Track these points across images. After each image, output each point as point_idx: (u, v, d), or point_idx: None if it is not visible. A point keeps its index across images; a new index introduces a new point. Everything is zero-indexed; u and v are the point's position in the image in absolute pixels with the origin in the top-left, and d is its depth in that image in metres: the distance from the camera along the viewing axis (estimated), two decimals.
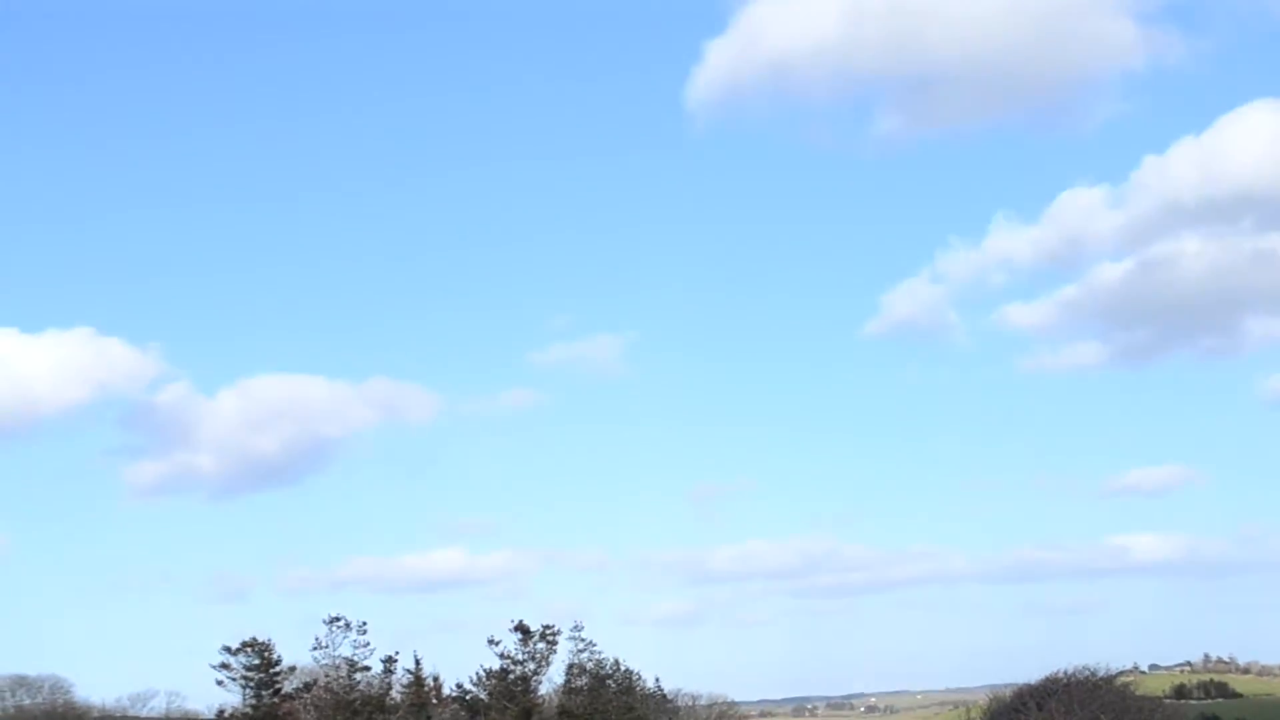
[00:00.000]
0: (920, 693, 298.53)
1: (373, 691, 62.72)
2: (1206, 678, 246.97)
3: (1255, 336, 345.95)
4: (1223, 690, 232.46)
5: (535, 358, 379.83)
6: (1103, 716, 32.73)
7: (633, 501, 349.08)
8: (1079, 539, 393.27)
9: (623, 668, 68.83)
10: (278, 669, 61.91)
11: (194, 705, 64.50)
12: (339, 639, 61.82)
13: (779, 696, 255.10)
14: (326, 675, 62.48)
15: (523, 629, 66.73)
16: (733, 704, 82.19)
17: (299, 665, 63.25)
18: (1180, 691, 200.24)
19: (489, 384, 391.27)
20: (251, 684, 61.08)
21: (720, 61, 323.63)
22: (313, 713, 61.96)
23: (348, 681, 62.04)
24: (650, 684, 72.54)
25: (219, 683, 60.77)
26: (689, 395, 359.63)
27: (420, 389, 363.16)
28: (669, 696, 73.98)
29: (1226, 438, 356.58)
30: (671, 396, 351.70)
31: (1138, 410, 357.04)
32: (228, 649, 60.49)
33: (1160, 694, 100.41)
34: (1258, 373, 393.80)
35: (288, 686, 62.70)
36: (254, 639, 61.35)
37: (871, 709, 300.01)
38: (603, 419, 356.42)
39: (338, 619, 61.71)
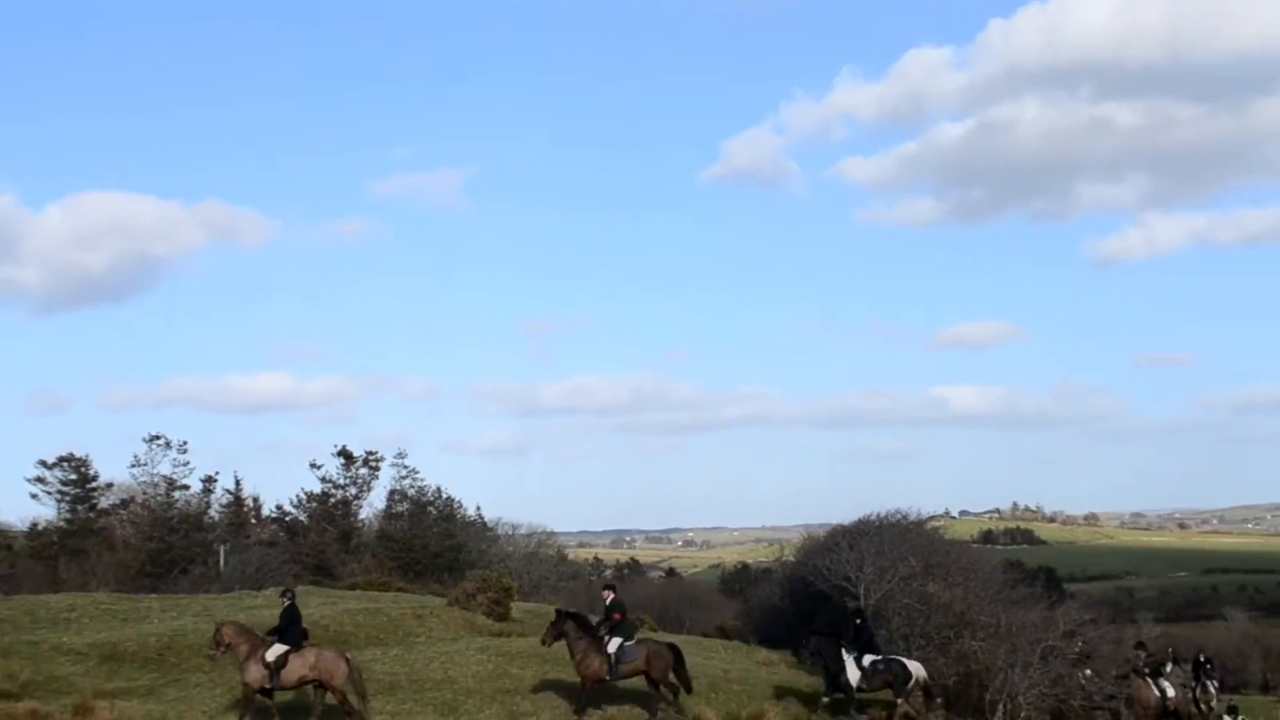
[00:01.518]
0: (737, 530, 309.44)
1: (191, 510, 64.82)
2: (1014, 525, 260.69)
3: (1086, 201, 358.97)
4: (1028, 537, 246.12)
5: (375, 187, 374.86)
6: (910, 558, 35.36)
7: (465, 335, 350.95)
8: (904, 388, 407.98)
9: (444, 495, 70.74)
10: (94, 484, 63.17)
11: (7, 518, 65.89)
12: (158, 457, 63.52)
13: (599, 529, 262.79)
14: (144, 493, 64.39)
15: (345, 454, 68.64)
16: (552, 534, 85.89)
17: (117, 482, 64.73)
18: (987, 537, 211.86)
19: (326, 211, 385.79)
20: (67, 498, 62.29)
21: None
22: (129, 529, 64.02)
23: (165, 499, 64.10)
24: (471, 512, 75.00)
25: (33, 496, 61.59)
26: (527, 233, 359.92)
27: (255, 214, 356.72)
28: (489, 525, 76.73)
29: (1051, 297, 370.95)
30: (509, 233, 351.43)
31: (968, 267, 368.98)
32: (44, 463, 61.44)
33: (968, 539, 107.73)
34: (1086, 236, 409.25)
35: (105, 502, 64.12)
36: (71, 454, 62.34)
37: (688, 543, 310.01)
38: (439, 252, 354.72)
39: (157, 437, 63.45)
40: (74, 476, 62.35)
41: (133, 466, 63.81)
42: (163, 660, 27.73)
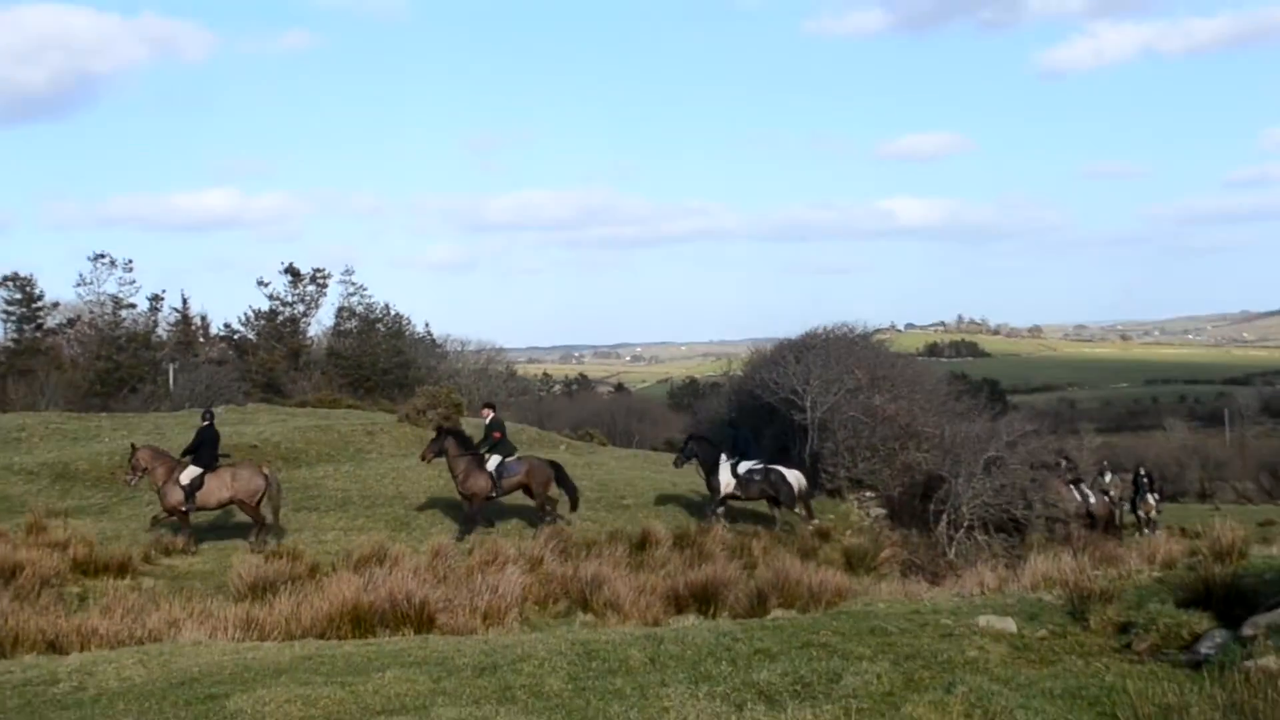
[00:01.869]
0: (684, 345, 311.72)
1: (138, 329, 64.82)
2: (958, 338, 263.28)
3: (1033, 9, 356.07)
4: (972, 350, 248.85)
5: None
6: (856, 370, 35.67)
7: (410, 147, 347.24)
8: (849, 201, 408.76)
9: (393, 312, 70.97)
10: (40, 304, 63.22)
11: None
12: (104, 276, 63.52)
13: (548, 344, 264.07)
14: (91, 312, 64.28)
15: (293, 271, 68.77)
16: (501, 350, 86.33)
17: (63, 301, 64.65)
18: (933, 350, 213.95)
19: (267, 24, 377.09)
20: (13, 318, 62.36)
21: None
22: (77, 348, 64.05)
23: (113, 318, 64.05)
24: (420, 329, 75.28)
25: None
26: (472, 43, 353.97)
27: (195, 26, 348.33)
28: (438, 342, 77.15)
29: (999, 107, 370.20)
30: (452, 44, 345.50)
31: (915, 77, 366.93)
32: None
33: (914, 351, 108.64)
34: (1033, 46, 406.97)
35: (51, 322, 64.21)
36: (16, 273, 62.41)
37: (637, 358, 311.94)
38: (383, 63, 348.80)
39: (103, 255, 63.35)
40: (19, 296, 62.09)
41: (78, 286, 63.62)
42: (115, 479, 27.83)
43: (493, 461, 25.87)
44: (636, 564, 21.62)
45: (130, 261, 63.77)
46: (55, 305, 64.14)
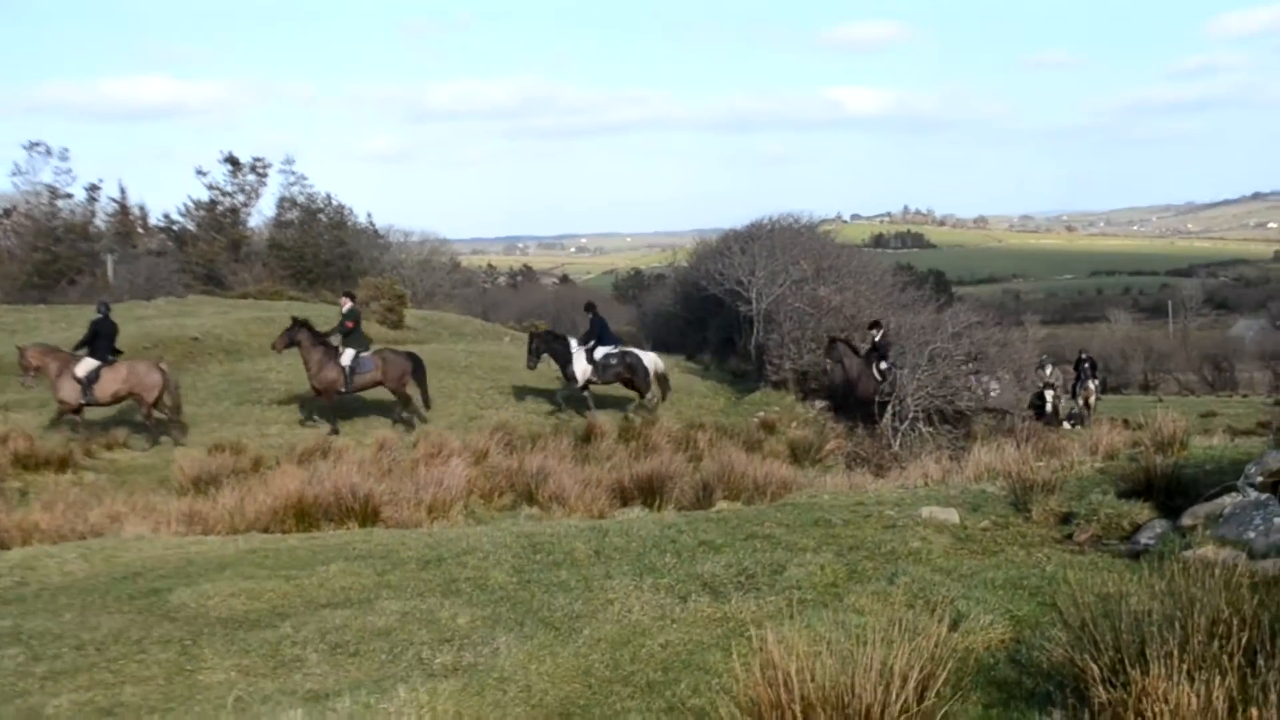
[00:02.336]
0: (630, 235, 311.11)
1: (76, 220, 63.91)
2: (905, 229, 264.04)
3: None
4: (918, 240, 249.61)
5: None
6: (802, 261, 35.69)
7: (345, 34, 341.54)
8: (793, 90, 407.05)
9: (334, 203, 70.14)
10: None
11: None
12: (39, 165, 62.39)
13: (492, 235, 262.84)
14: (27, 202, 63.26)
15: (232, 160, 67.59)
16: (444, 241, 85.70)
17: None
18: (879, 241, 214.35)
19: None
20: None
21: None
22: (13, 239, 63.04)
23: (49, 209, 63.07)
24: (362, 220, 74.58)
25: None
26: None
27: None
28: (381, 233, 76.51)
29: None
30: None
31: None
32: None
33: (859, 243, 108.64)
34: None
35: None
36: None
37: (582, 249, 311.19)
38: None
39: (37, 144, 62.06)
40: None
41: (13, 175, 62.51)
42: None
43: (347, 355, 25.50)
44: (582, 457, 21.70)
45: (66, 150, 62.60)
46: None
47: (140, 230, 68.97)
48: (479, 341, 36.29)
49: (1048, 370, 36.19)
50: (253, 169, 67.93)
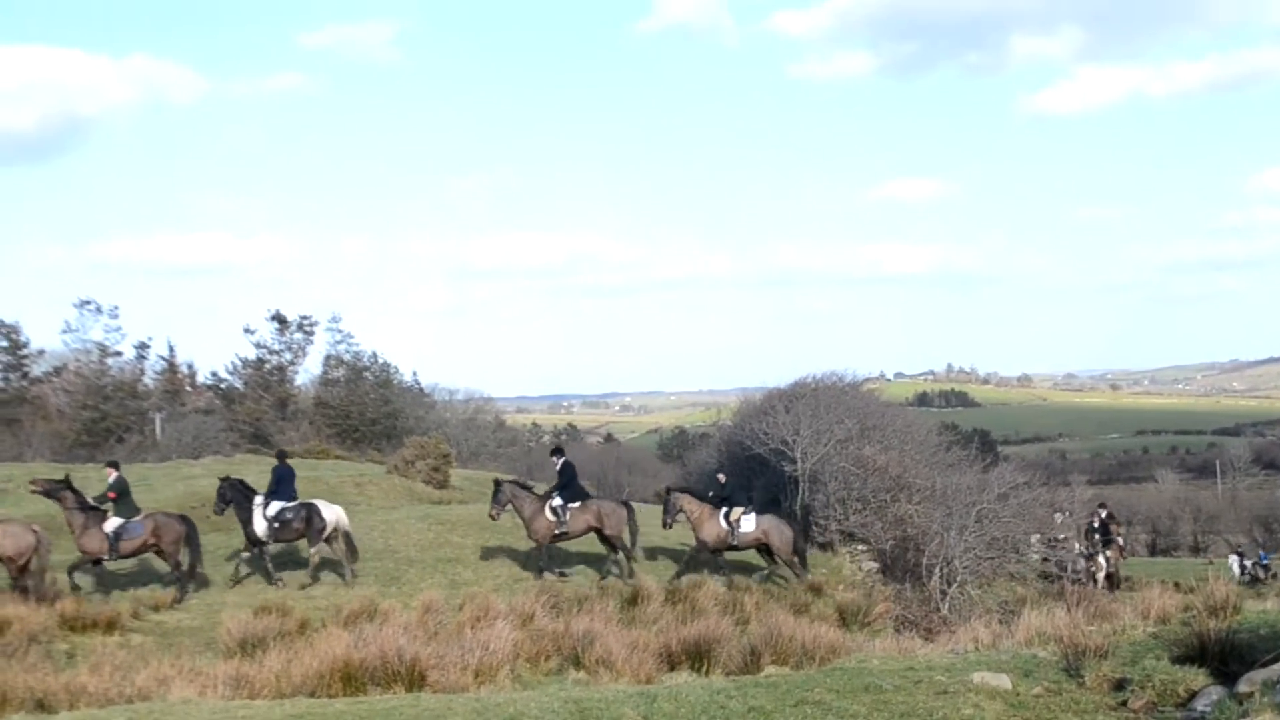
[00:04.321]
0: (674, 394, 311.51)
1: (125, 377, 64.61)
2: (948, 387, 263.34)
3: (1019, 55, 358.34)
4: (962, 399, 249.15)
5: (306, 40, 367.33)
6: (846, 420, 35.67)
7: (399, 192, 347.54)
8: (836, 247, 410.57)
9: (380, 360, 70.76)
10: (25, 352, 62.84)
11: None
12: (90, 323, 63.20)
13: (536, 394, 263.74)
14: (77, 360, 64.03)
15: (279, 318, 68.37)
16: (489, 399, 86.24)
17: (48, 349, 64.35)
18: (922, 399, 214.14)
19: (257, 66, 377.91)
20: None
21: None
22: (62, 397, 63.75)
23: (99, 366, 63.82)
24: (408, 378, 75.12)
25: None
26: (458, 85, 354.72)
27: (184, 68, 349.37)
28: (426, 391, 77.06)
29: (985, 153, 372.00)
30: (441, 86, 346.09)
31: (901, 122, 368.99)
32: None
33: (903, 401, 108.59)
34: (1020, 90, 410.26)
35: (37, 370, 63.90)
36: (1, 320, 62.25)
37: (626, 408, 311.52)
38: (372, 106, 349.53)
39: (88, 302, 62.84)
40: (4, 344, 61.73)
41: (64, 333, 63.31)
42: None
43: (112, 522, 24.76)
44: (629, 619, 21.57)
45: (116, 308, 63.63)
46: (41, 353, 63.75)
47: (188, 388, 69.71)
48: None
49: (1058, 518, 35.13)
50: (300, 327, 68.66)
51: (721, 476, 29.82)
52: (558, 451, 30.16)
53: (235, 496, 26.73)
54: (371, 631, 15.41)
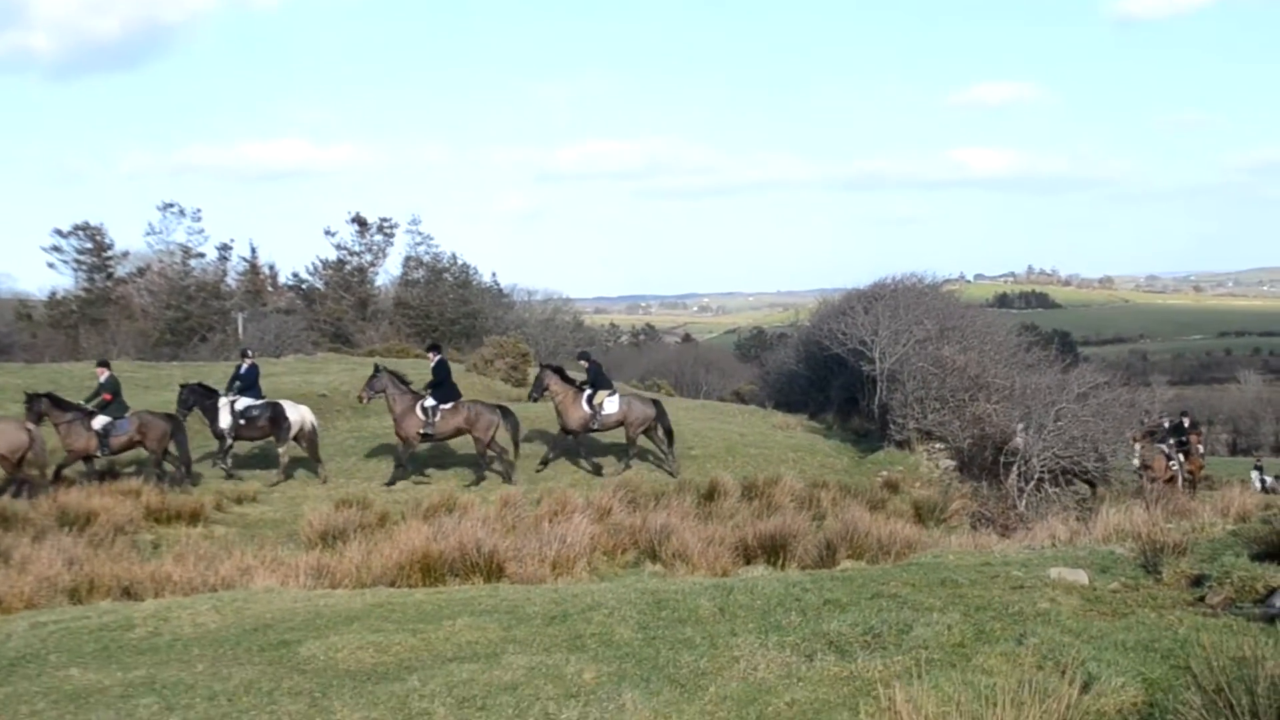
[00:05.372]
0: (752, 295, 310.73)
1: (208, 278, 65.37)
2: (1028, 288, 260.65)
3: None
4: (1043, 300, 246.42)
5: None
6: (925, 320, 35.48)
7: (479, 99, 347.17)
8: (919, 151, 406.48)
9: (460, 262, 71.06)
10: (110, 253, 63.59)
11: (26, 288, 66.38)
12: (173, 225, 63.99)
13: (615, 295, 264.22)
14: (160, 261, 64.81)
15: (360, 220, 68.80)
16: (568, 300, 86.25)
17: (133, 251, 65.11)
18: (1003, 300, 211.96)
19: None
20: (84, 267, 62.80)
21: None
22: (146, 297, 64.54)
23: (182, 267, 64.60)
24: (487, 279, 75.37)
25: (50, 265, 62.30)
26: None
27: None
28: (505, 291, 77.36)
29: (1072, 56, 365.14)
30: None
31: (987, 24, 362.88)
32: (59, 231, 61.71)
33: (983, 302, 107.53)
34: None
35: (121, 271, 64.70)
36: (86, 222, 62.52)
37: (704, 309, 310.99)
38: (452, 13, 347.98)
39: (171, 205, 63.73)
40: (89, 245, 62.61)
41: (148, 235, 64.13)
42: (189, 427, 28.09)
43: (99, 420, 24.83)
44: (705, 514, 21.66)
45: (199, 211, 64.62)
46: (125, 254, 64.47)
47: (270, 289, 70.40)
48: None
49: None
50: (380, 229, 69.10)
51: (583, 362, 29.20)
52: (434, 348, 29.40)
53: (197, 399, 26.86)
54: (450, 524, 15.55)
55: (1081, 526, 16.93)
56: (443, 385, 27.11)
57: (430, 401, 26.65)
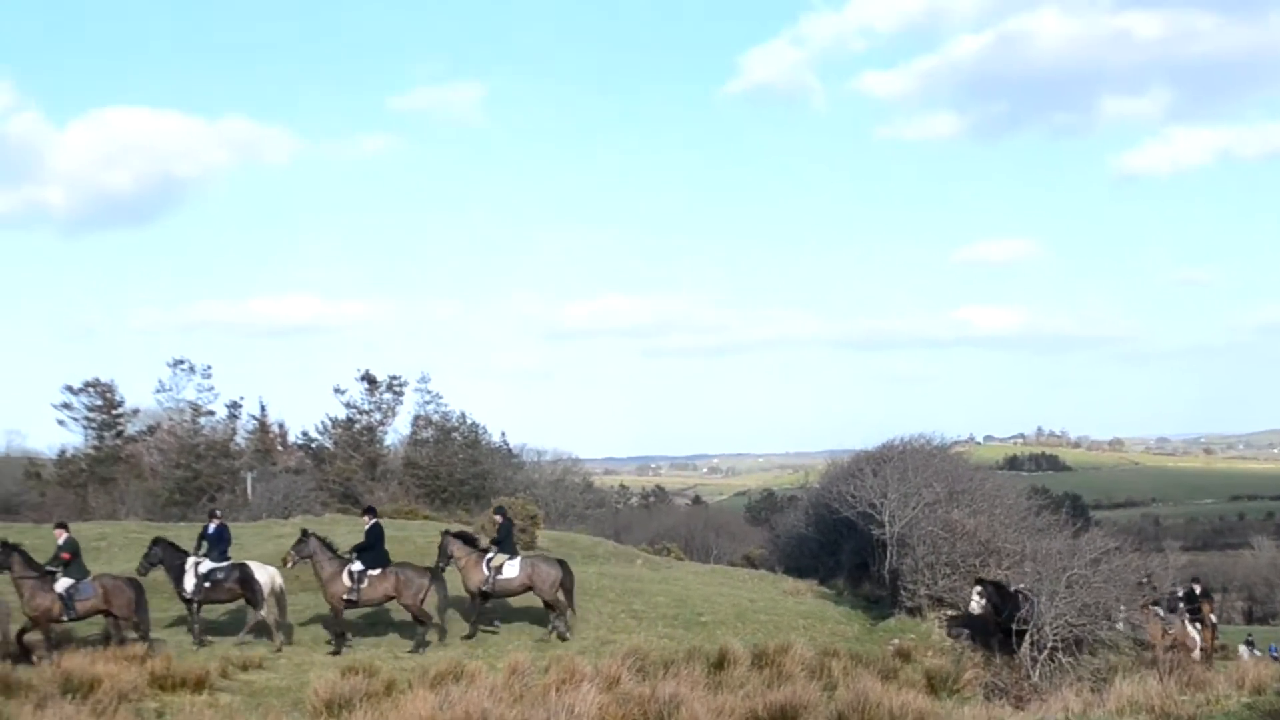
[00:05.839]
0: (762, 456, 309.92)
1: (217, 437, 65.33)
2: (1038, 450, 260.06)
3: (1108, 115, 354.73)
4: (1053, 463, 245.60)
5: (396, 102, 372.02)
6: (935, 483, 35.31)
7: (489, 252, 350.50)
8: (925, 309, 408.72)
9: (469, 421, 71.04)
10: (120, 411, 63.44)
11: (35, 445, 66.46)
12: (183, 382, 63.92)
13: (624, 455, 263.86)
14: (170, 419, 64.84)
15: (369, 379, 68.90)
16: (578, 460, 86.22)
17: (143, 408, 65.10)
18: (1013, 462, 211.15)
19: (348, 127, 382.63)
20: (94, 425, 62.65)
21: None
22: (156, 455, 64.52)
23: (192, 426, 64.59)
24: (496, 439, 75.38)
25: (60, 423, 62.01)
26: (547, 147, 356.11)
27: (278, 130, 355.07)
28: (515, 452, 77.23)
29: (1074, 214, 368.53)
30: (530, 147, 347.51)
31: (989, 183, 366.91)
32: (69, 388, 61.38)
33: (993, 464, 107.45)
34: (1108, 151, 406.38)
35: (131, 429, 64.67)
36: (96, 379, 62.41)
37: (714, 470, 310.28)
38: (461, 169, 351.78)
39: (181, 361, 63.56)
40: (100, 402, 62.57)
41: (158, 392, 64.21)
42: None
43: (62, 583, 24.37)
44: (715, 684, 21.44)
45: (209, 368, 64.24)
46: (135, 412, 64.33)
47: (279, 448, 70.35)
48: (611, 564, 36.25)
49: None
50: (389, 387, 69.18)
51: (498, 518, 29.15)
52: (369, 511, 29.25)
53: (167, 558, 26.53)
54: (458, 693, 15.47)
55: (1095, 698, 16.77)
56: (372, 549, 26.94)
57: (358, 566, 26.46)
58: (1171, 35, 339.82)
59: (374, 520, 27.88)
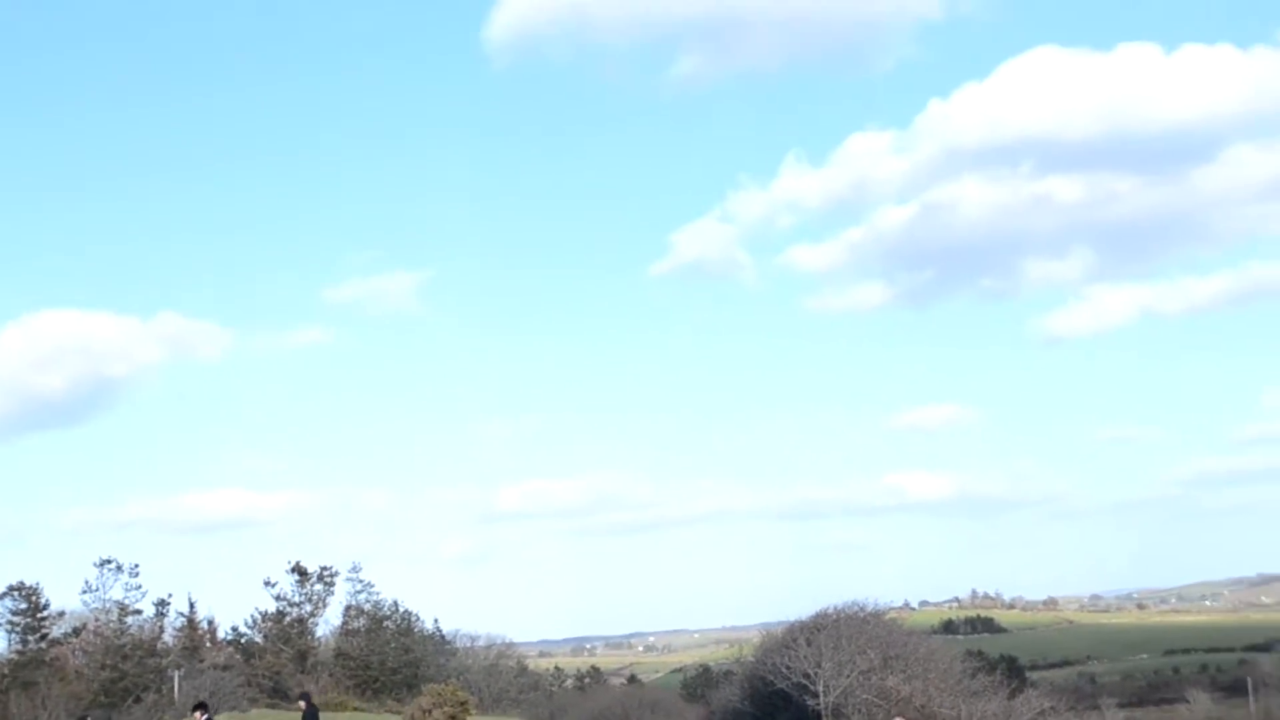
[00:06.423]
0: (697, 631, 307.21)
1: (144, 636, 64.03)
2: (973, 613, 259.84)
3: (1033, 278, 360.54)
4: (988, 625, 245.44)
5: (330, 294, 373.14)
6: (869, 650, 35.21)
7: (420, 443, 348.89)
8: (858, 477, 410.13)
9: (401, 609, 70.45)
10: (46, 614, 62.34)
11: None
12: (110, 582, 62.94)
13: (559, 637, 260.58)
14: (97, 620, 63.60)
15: (300, 570, 68.25)
16: (511, 644, 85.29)
17: (69, 610, 63.95)
18: (948, 626, 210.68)
19: (282, 321, 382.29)
20: (18, 629, 61.57)
21: (518, 5, 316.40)
22: (81, 657, 63.14)
23: (118, 626, 63.34)
24: (429, 625, 74.57)
25: None
26: (479, 335, 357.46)
27: (211, 325, 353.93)
28: (448, 638, 76.35)
29: (1003, 377, 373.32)
30: (463, 335, 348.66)
31: (919, 350, 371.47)
32: None
33: (929, 629, 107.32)
34: (1033, 314, 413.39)
35: (56, 631, 63.31)
36: (21, 583, 61.54)
37: (650, 648, 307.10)
38: (395, 357, 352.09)
39: (109, 561, 62.81)
40: (24, 606, 61.43)
41: (84, 593, 63.11)
42: None
43: None
44: None
45: (136, 566, 63.39)
46: (61, 614, 63.22)
47: (208, 644, 69.14)
48: None
49: None
50: (320, 578, 68.55)
51: (302, 704, 29.00)
52: (304, 697, 29.08)
53: None
54: None
55: None
56: None
57: None
58: (1092, 199, 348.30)
59: (309, 705, 27.42)
